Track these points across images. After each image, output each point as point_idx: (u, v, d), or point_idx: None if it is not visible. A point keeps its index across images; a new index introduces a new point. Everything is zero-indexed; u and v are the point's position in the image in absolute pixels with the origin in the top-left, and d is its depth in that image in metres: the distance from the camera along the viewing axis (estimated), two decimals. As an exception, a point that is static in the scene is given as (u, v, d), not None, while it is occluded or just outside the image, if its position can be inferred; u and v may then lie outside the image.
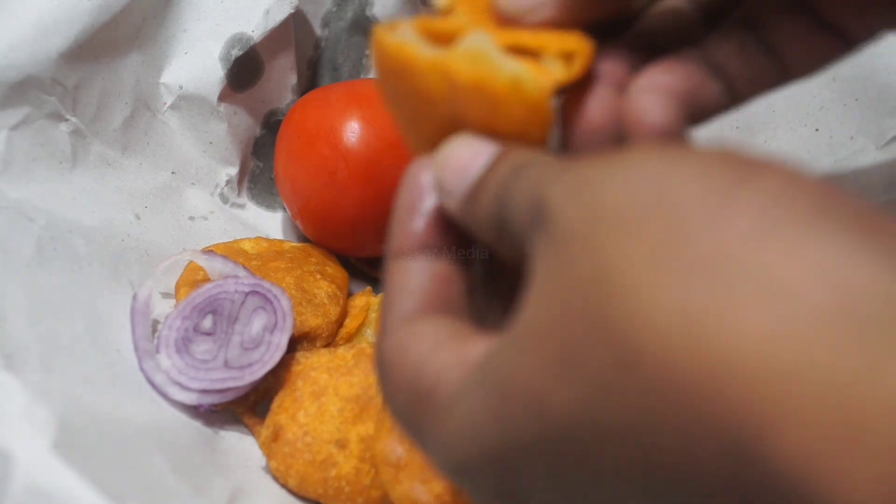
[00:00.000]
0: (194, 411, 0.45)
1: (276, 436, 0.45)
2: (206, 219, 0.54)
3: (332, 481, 0.44)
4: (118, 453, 0.39)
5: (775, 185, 0.21)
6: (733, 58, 0.31)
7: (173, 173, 0.53)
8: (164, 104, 0.53)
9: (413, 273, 0.30)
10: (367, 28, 0.58)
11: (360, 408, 0.45)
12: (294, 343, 0.48)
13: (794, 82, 0.32)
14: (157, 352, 0.45)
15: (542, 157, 0.28)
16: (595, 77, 0.31)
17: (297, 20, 0.55)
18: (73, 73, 0.48)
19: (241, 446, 0.46)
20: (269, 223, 0.57)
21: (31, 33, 0.46)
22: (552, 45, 0.30)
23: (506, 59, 0.28)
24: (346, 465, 0.44)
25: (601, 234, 0.22)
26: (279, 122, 0.54)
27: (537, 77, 0.28)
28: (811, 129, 0.51)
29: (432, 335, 0.28)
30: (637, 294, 0.21)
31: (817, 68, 0.32)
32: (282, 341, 0.45)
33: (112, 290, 0.46)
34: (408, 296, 0.30)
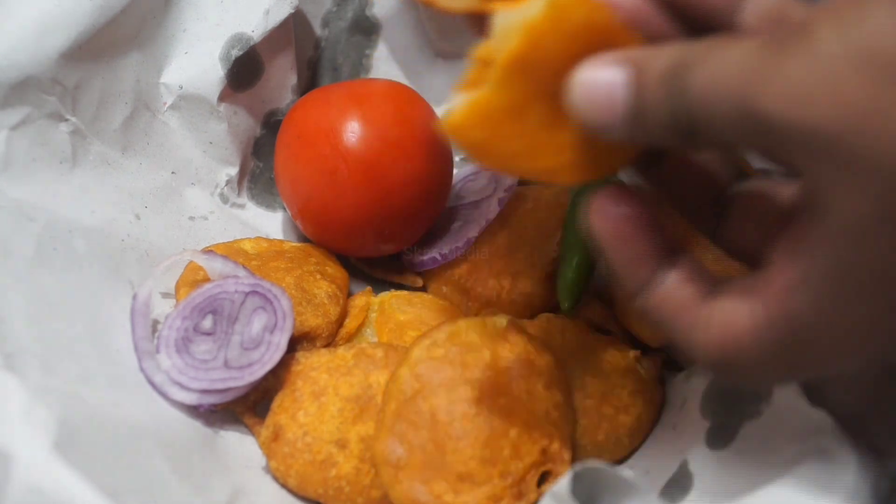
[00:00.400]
0: (194, 411, 0.45)
1: (276, 436, 0.45)
2: (206, 219, 0.54)
3: (332, 481, 0.44)
4: (118, 453, 0.39)
5: None
6: None
7: (173, 173, 0.53)
8: (164, 104, 0.53)
9: (670, 293, 0.34)
10: (367, 28, 0.58)
11: (360, 408, 0.45)
12: (294, 343, 0.48)
13: None
14: (157, 352, 0.45)
15: (691, 49, 0.29)
16: None
17: (297, 20, 0.55)
18: (73, 73, 0.48)
19: (241, 446, 0.46)
20: (269, 223, 0.57)
21: (31, 33, 0.46)
22: None
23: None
24: (346, 465, 0.44)
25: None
26: (279, 122, 0.54)
27: None
28: None
29: (746, 305, 0.32)
30: None
31: None
32: (282, 341, 0.45)
33: (112, 290, 0.46)
34: (689, 308, 0.33)
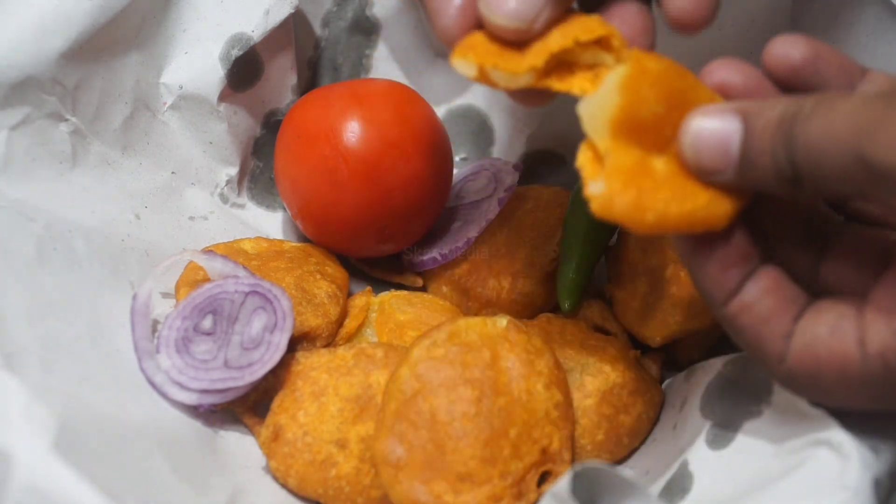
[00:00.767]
0: (194, 411, 0.45)
1: (276, 436, 0.45)
2: (206, 219, 0.54)
3: (332, 481, 0.44)
4: (118, 453, 0.39)
5: None
6: None
7: (173, 173, 0.53)
8: (164, 104, 0.53)
9: (753, 302, 0.35)
10: (367, 28, 0.58)
11: (360, 408, 0.45)
12: (294, 343, 0.48)
13: None
14: (157, 352, 0.45)
15: (793, 105, 0.32)
16: None
17: (297, 20, 0.55)
18: (73, 73, 0.48)
19: (241, 446, 0.46)
20: (269, 223, 0.57)
21: (31, 33, 0.46)
22: (584, 37, 0.35)
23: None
24: (346, 465, 0.44)
25: None
26: (279, 122, 0.54)
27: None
28: None
29: (841, 331, 0.33)
30: None
31: None
32: (282, 341, 0.45)
33: (112, 290, 0.46)
34: (770, 320, 0.34)
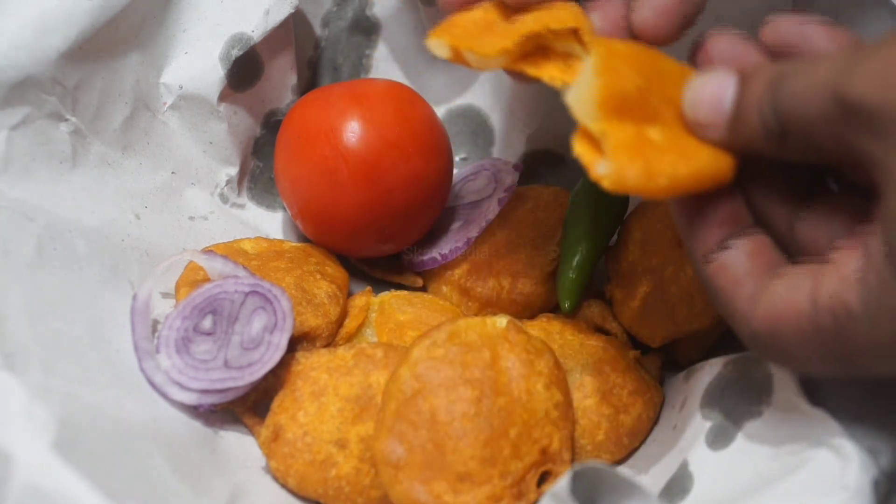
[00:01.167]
0: (194, 411, 0.45)
1: (276, 436, 0.45)
2: (206, 219, 0.54)
3: (332, 481, 0.44)
4: (118, 453, 0.39)
5: None
6: None
7: (173, 173, 0.53)
8: (164, 104, 0.53)
9: (731, 263, 0.35)
10: (367, 28, 0.58)
11: (360, 408, 0.45)
12: (294, 343, 0.48)
13: None
14: (157, 352, 0.45)
15: (788, 65, 0.33)
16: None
17: (297, 20, 0.55)
18: (73, 73, 0.48)
19: (241, 446, 0.46)
20: (269, 223, 0.57)
21: (31, 33, 0.46)
22: (554, 25, 0.37)
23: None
24: (346, 465, 0.44)
25: None
26: (279, 122, 0.54)
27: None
28: None
29: (796, 287, 0.33)
30: None
31: None
32: (282, 341, 0.45)
33: (112, 290, 0.46)
34: (743, 282, 0.35)
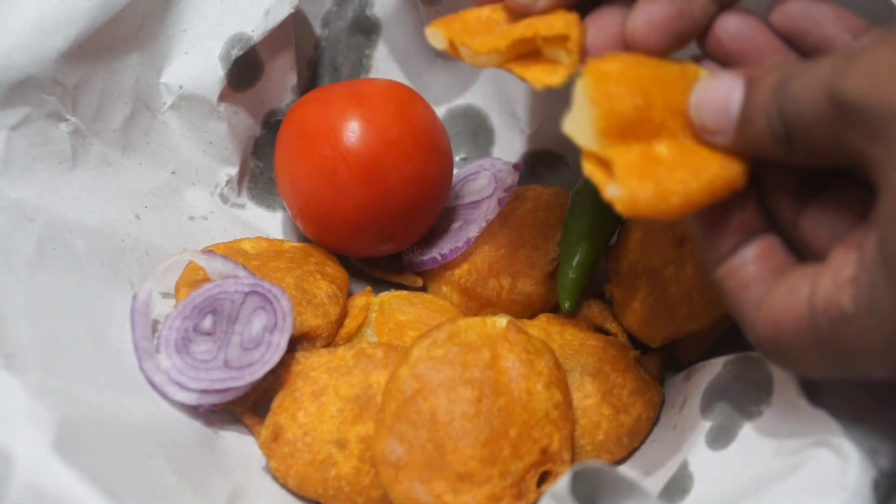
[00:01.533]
0: (194, 411, 0.45)
1: (276, 436, 0.45)
2: (206, 219, 0.54)
3: (332, 481, 0.44)
4: (118, 453, 0.39)
5: None
6: None
7: (173, 173, 0.53)
8: (164, 104, 0.53)
9: (739, 267, 0.35)
10: (367, 28, 0.58)
11: (360, 408, 0.45)
12: (294, 343, 0.48)
13: None
14: (157, 352, 0.45)
15: (792, 67, 0.33)
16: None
17: (297, 20, 0.55)
18: (73, 73, 0.48)
19: (241, 446, 0.46)
20: (269, 223, 0.57)
21: (31, 33, 0.46)
22: (544, 32, 0.38)
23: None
24: (345, 465, 0.44)
25: None
26: (279, 122, 0.54)
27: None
28: None
29: (795, 290, 0.33)
30: None
31: None
32: (282, 341, 0.45)
33: (112, 290, 0.46)
34: (751, 286, 0.35)
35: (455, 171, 0.55)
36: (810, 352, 0.33)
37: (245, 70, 0.53)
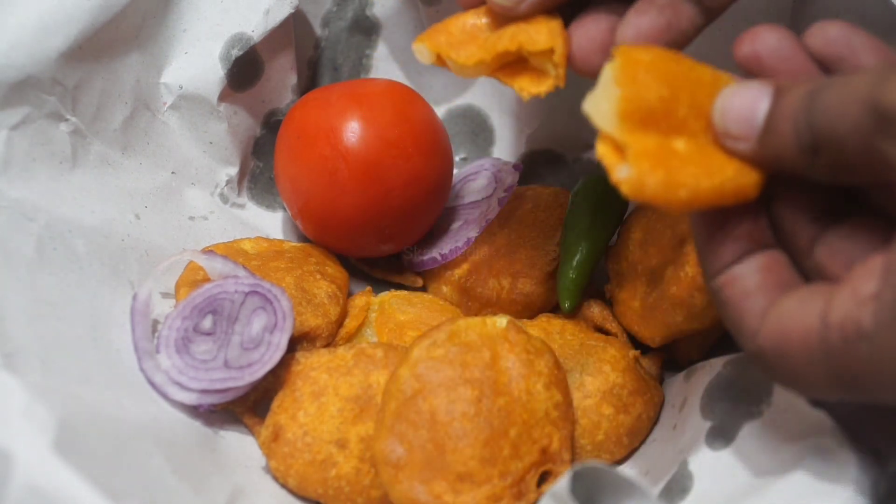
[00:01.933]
0: (194, 411, 0.45)
1: (276, 436, 0.45)
2: (206, 219, 0.54)
3: (332, 481, 0.44)
4: (118, 453, 0.39)
5: None
6: None
7: (173, 173, 0.53)
8: (164, 104, 0.53)
9: (741, 276, 0.34)
10: (367, 28, 0.58)
11: (360, 408, 0.45)
12: (294, 343, 0.48)
13: None
14: (157, 352, 0.45)
15: (825, 79, 0.33)
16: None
17: (297, 20, 0.55)
18: (73, 73, 0.48)
19: (241, 446, 0.46)
20: (269, 223, 0.57)
21: (31, 33, 0.46)
22: (529, 47, 0.38)
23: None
24: (345, 465, 0.44)
25: None
26: (279, 122, 0.54)
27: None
28: None
29: (806, 304, 0.32)
30: None
31: None
32: (282, 341, 0.45)
33: (112, 290, 0.46)
34: (753, 296, 0.34)
35: (455, 171, 0.55)
36: (817, 368, 0.32)
37: (245, 70, 0.53)
